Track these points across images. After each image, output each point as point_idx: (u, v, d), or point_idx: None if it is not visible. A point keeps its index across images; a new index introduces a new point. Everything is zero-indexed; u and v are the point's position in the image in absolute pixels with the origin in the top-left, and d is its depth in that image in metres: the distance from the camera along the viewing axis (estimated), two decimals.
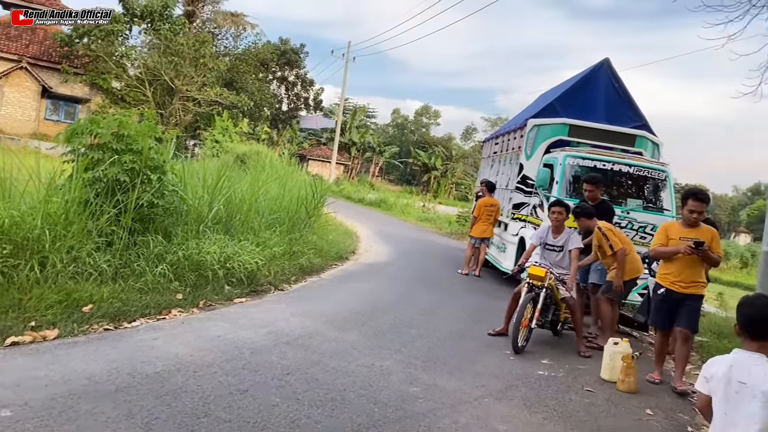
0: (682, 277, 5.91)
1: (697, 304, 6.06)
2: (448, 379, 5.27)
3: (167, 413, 3.74)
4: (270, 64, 45.43)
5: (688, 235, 5.83)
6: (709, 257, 5.84)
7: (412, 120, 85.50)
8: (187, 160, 10.30)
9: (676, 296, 5.92)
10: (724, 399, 2.90)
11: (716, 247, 5.89)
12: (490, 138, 16.91)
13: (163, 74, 30.70)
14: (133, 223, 6.97)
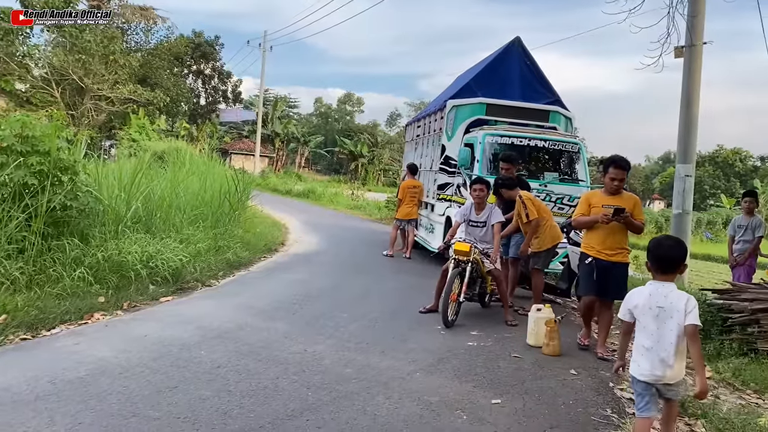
0: (606, 245, 5.91)
1: (624, 272, 6.06)
2: (381, 358, 5.34)
3: (92, 417, 3.63)
4: (184, 58, 44.07)
5: (609, 203, 5.82)
6: (632, 224, 5.84)
7: (336, 108, 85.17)
8: (103, 161, 9.90)
9: (603, 265, 5.90)
10: (648, 321, 3.53)
11: (638, 213, 5.90)
12: (412, 121, 17.08)
13: (71, 73, 29.29)
14: (46, 228, 6.68)
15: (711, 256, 27.06)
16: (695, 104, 9.79)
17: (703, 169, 57.09)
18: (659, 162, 79.59)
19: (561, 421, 4.26)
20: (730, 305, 6.50)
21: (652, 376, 3.48)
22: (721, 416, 4.46)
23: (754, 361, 5.88)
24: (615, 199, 5.89)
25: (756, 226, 8.41)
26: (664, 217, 36.95)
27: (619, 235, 5.93)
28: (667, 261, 3.60)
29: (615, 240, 5.92)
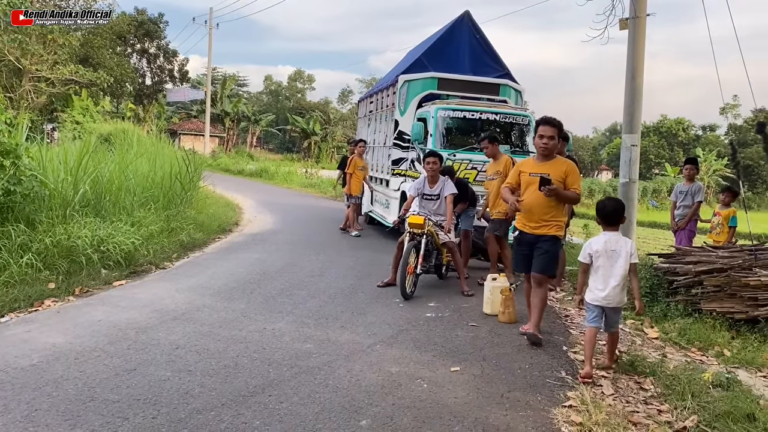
0: (532, 216, 5.37)
1: (551, 246, 5.35)
2: (340, 333, 5.38)
3: (49, 403, 3.57)
4: (128, 37, 42.65)
5: (539, 170, 5.30)
6: (560, 195, 5.23)
7: (286, 86, 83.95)
8: (46, 144, 9.56)
9: (528, 238, 5.41)
10: (604, 261, 4.75)
11: (573, 181, 5.28)
12: (365, 97, 17.02)
13: (7, 54, 28.01)
14: None
15: (657, 222, 28.00)
16: (640, 75, 10.03)
17: (648, 140, 58.65)
18: (606, 133, 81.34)
19: (518, 384, 4.39)
20: (675, 269, 6.77)
21: (604, 300, 4.72)
22: (668, 373, 4.67)
23: (698, 320, 6.16)
24: (546, 165, 5.35)
25: (695, 192, 8.73)
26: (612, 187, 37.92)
27: (547, 206, 5.31)
28: (611, 215, 4.86)
29: (542, 210, 5.33)
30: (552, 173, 5.23)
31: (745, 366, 5.19)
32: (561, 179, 5.25)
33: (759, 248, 6.61)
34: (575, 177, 5.34)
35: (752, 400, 4.09)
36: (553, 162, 5.38)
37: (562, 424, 3.73)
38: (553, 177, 5.20)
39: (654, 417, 3.91)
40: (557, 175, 5.25)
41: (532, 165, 5.50)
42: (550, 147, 5.32)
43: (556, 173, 5.25)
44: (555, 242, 5.41)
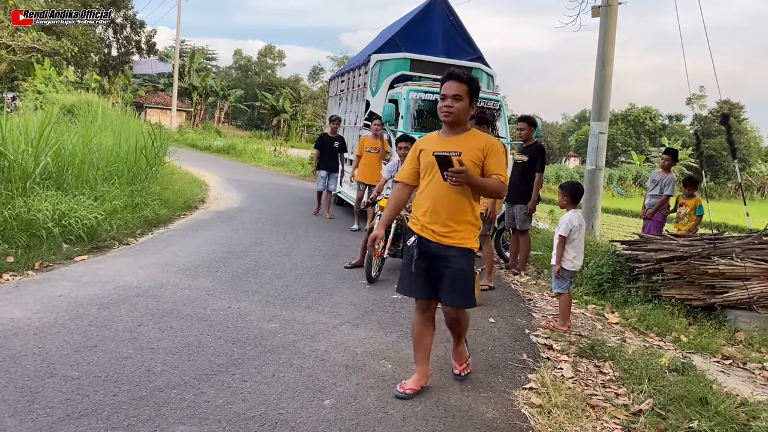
0: (435, 216, 3.64)
1: (466, 263, 3.67)
2: (306, 313, 5.38)
3: (6, 379, 3.49)
4: (93, 5, 41.50)
5: (445, 146, 3.64)
6: (473, 182, 3.48)
7: (256, 61, 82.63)
8: (6, 114, 9.27)
9: (430, 249, 3.67)
10: (579, 235, 5.59)
11: (494, 164, 3.60)
12: (336, 75, 16.87)
13: None
14: None
15: (621, 210, 28.53)
16: (610, 63, 10.14)
17: (616, 127, 59.49)
18: (575, 120, 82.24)
19: (480, 366, 4.45)
20: (637, 256, 6.91)
21: (578, 267, 5.67)
22: (627, 358, 4.78)
23: (658, 306, 6.31)
24: (456, 140, 3.68)
25: (665, 184, 8.81)
26: (579, 173, 38.47)
27: (459, 201, 3.63)
28: (579, 195, 5.73)
29: (451, 208, 3.63)
30: (463, 151, 3.58)
31: (701, 352, 5.35)
32: (477, 161, 3.58)
33: (718, 237, 6.79)
34: (498, 159, 3.61)
35: (706, 384, 4.22)
36: (466, 136, 3.68)
37: (523, 406, 3.80)
38: (466, 157, 3.54)
39: (612, 400, 4.01)
40: (471, 154, 3.58)
41: (435, 141, 3.76)
42: (457, 111, 3.62)
43: (469, 151, 3.58)
44: (470, 258, 3.69)
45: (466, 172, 3.36)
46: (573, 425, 3.57)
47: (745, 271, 6.09)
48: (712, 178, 51.75)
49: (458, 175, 3.34)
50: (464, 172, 3.35)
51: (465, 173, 3.35)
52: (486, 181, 3.56)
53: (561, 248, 5.58)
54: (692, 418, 3.65)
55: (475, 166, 3.57)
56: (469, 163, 3.51)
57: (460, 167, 3.34)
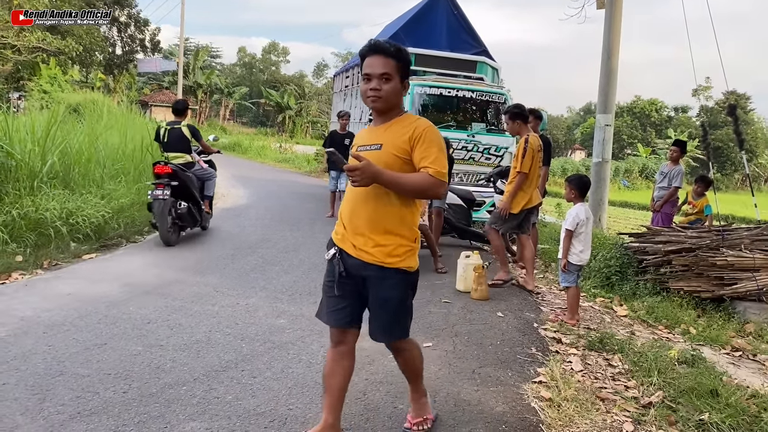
0: (354, 226, 2.86)
1: (390, 291, 2.85)
2: (314, 308, 5.27)
3: (17, 377, 3.51)
4: (97, 4, 41.55)
5: (369, 139, 2.93)
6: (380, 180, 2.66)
7: (260, 58, 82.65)
8: (12, 114, 9.31)
9: (350, 266, 2.87)
10: (587, 228, 5.54)
11: (425, 155, 2.76)
12: (341, 71, 16.86)
13: None
14: None
15: (628, 203, 28.43)
16: (615, 56, 10.09)
17: (622, 120, 59.23)
18: (581, 113, 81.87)
19: (489, 360, 4.45)
20: (645, 248, 6.89)
21: (585, 261, 5.63)
22: (636, 350, 4.76)
23: (666, 299, 6.29)
24: (380, 130, 2.91)
25: (674, 176, 8.73)
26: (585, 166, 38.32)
27: (382, 205, 2.82)
28: (586, 188, 5.74)
29: (370, 216, 2.82)
30: (386, 143, 2.84)
31: (710, 344, 5.32)
32: (402, 153, 2.80)
33: (726, 229, 6.75)
34: (431, 148, 2.78)
35: (716, 376, 4.20)
36: (394, 123, 2.89)
37: (532, 400, 3.79)
38: (390, 149, 2.81)
39: (621, 393, 3.99)
40: (395, 146, 2.81)
41: (365, 133, 3.05)
42: (386, 95, 2.81)
43: (392, 142, 2.82)
44: (400, 282, 2.85)
45: (363, 169, 2.57)
46: (583, 418, 3.56)
47: (754, 263, 6.06)
48: (719, 169, 51.49)
49: (353, 173, 2.57)
50: (359, 169, 2.56)
51: (362, 171, 2.57)
52: (404, 177, 2.70)
53: (567, 242, 5.55)
54: (703, 411, 3.63)
55: (400, 161, 2.78)
56: (390, 158, 2.77)
57: (355, 163, 2.57)
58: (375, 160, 2.70)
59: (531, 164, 6.43)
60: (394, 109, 2.91)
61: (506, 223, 6.65)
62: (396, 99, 2.87)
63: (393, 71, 2.81)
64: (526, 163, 6.41)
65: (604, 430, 3.45)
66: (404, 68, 2.87)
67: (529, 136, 6.48)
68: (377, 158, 2.75)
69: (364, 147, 2.91)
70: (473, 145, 9.99)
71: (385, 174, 2.66)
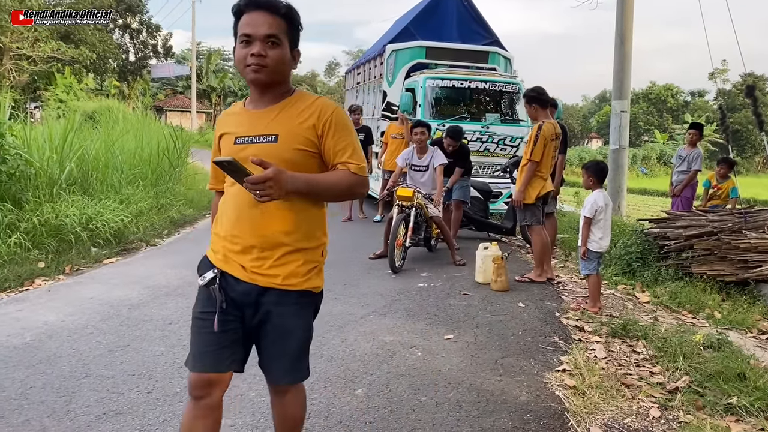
0: (242, 239, 2.15)
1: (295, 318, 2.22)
2: (333, 304, 5.38)
3: (43, 380, 3.56)
4: (109, 12, 41.95)
5: (254, 127, 2.17)
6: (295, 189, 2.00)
7: None
8: (29, 123, 9.44)
9: (238, 293, 2.17)
10: (606, 215, 5.47)
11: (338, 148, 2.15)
12: (352, 68, 16.86)
13: None
14: None
15: (647, 189, 28.14)
16: (629, 41, 9.97)
17: (638, 106, 58.57)
18: (596, 101, 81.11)
19: (511, 351, 4.42)
20: (665, 233, 6.81)
21: (605, 248, 5.57)
22: (660, 336, 4.70)
23: (689, 284, 6.21)
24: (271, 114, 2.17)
25: (693, 159, 8.57)
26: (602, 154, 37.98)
27: (281, 210, 2.12)
28: (604, 174, 5.73)
29: (265, 225, 2.13)
30: (282, 133, 2.12)
31: (736, 327, 5.24)
32: (308, 145, 2.14)
33: (749, 211, 6.64)
34: (346, 138, 2.18)
35: (743, 360, 4.14)
36: (287, 105, 2.19)
37: (556, 388, 3.76)
38: (291, 141, 2.11)
39: (646, 379, 3.95)
40: (296, 136, 2.13)
41: (240, 117, 2.25)
42: (273, 63, 2.09)
43: (292, 132, 2.13)
44: (311, 306, 2.31)
45: (276, 179, 1.87)
46: (608, 405, 3.52)
47: None
48: (738, 153, 50.75)
49: (262, 186, 1.86)
50: (271, 179, 1.86)
51: (275, 181, 1.87)
52: (321, 180, 2.10)
53: (586, 230, 5.48)
54: (731, 394, 3.58)
55: (306, 156, 2.12)
56: (293, 154, 2.09)
57: (263, 174, 1.86)
58: (272, 157, 1.99)
59: (543, 152, 6.26)
60: (282, 85, 2.19)
61: (533, 216, 6.44)
62: (285, 71, 2.17)
63: (282, 34, 2.10)
64: (537, 152, 6.22)
65: (630, 416, 3.41)
66: (295, 33, 2.18)
67: (544, 122, 6.35)
68: (275, 155, 2.04)
69: (247, 138, 2.13)
70: (488, 137, 9.94)
71: (299, 179, 2.00)
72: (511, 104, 10.57)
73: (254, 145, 2.12)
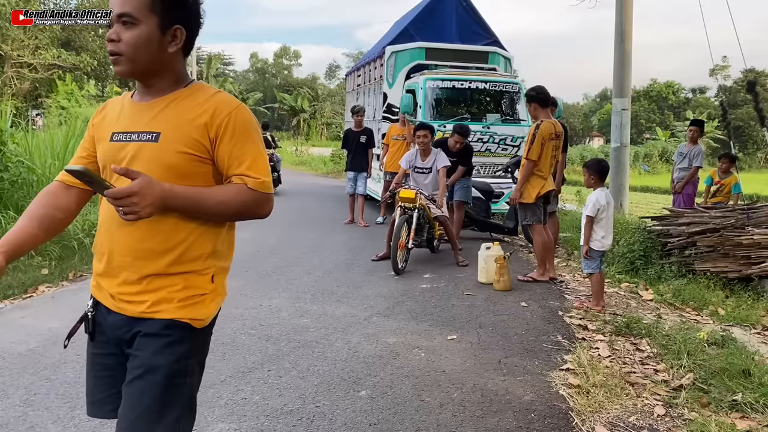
0: (111, 260, 1.75)
1: (165, 358, 1.70)
2: (337, 306, 5.39)
3: (47, 387, 3.56)
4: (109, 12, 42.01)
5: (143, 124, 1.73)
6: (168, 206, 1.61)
7: (272, 63, 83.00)
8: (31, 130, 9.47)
9: (112, 328, 1.80)
10: (608, 214, 5.45)
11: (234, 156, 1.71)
12: (352, 70, 16.88)
13: None
14: None
15: (649, 187, 28.09)
16: (629, 39, 9.96)
17: (639, 104, 58.50)
18: (597, 100, 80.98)
19: (515, 350, 4.41)
20: (668, 230, 6.80)
21: (607, 246, 5.57)
22: (663, 334, 4.70)
23: (692, 281, 6.20)
24: (155, 109, 1.74)
25: (694, 156, 8.56)
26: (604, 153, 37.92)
27: (160, 226, 1.69)
28: (605, 172, 5.67)
29: (139, 245, 1.71)
30: (165, 130, 1.70)
31: (740, 324, 5.23)
32: (195, 148, 1.71)
33: (751, 207, 6.63)
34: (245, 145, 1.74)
35: (747, 356, 4.13)
36: (176, 98, 1.76)
37: (560, 387, 3.75)
38: (174, 142, 1.69)
39: (651, 377, 3.94)
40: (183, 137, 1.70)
41: (123, 111, 1.83)
42: (126, 49, 1.67)
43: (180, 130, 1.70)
44: (185, 342, 1.76)
45: (142, 193, 1.52)
46: (613, 403, 3.52)
47: None
48: (740, 149, 50.64)
49: (123, 202, 1.51)
50: (136, 193, 1.51)
51: (140, 195, 1.52)
52: (207, 195, 1.67)
53: (589, 228, 5.47)
54: (735, 391, 3.57)
55: (193, 161, 1.70)
56: (176, 157, 1.68)
57: (126, 188, 1.51)
58: (152, 161, 1.67)
59: (541, 151, 6.27)
60: (163, 74, 1.76)
61: (534, 215, 6.45)
62: (151, 57, 1.70)
63: (142, 10, 1.66)
64: (534, 151, 6.24)
65: (635, 414, 3.41)
66: (170, 5, 1.71)
67: (542, 122, 6.36)
68: (155, 158, 1.68)
69: (125, 135, 1.73)
70: (489, 137, 9.94)
71: (178, 195, 1.61)
72: (512, 104, 10.57)
73: (132, 143, 1.71)
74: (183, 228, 1.72)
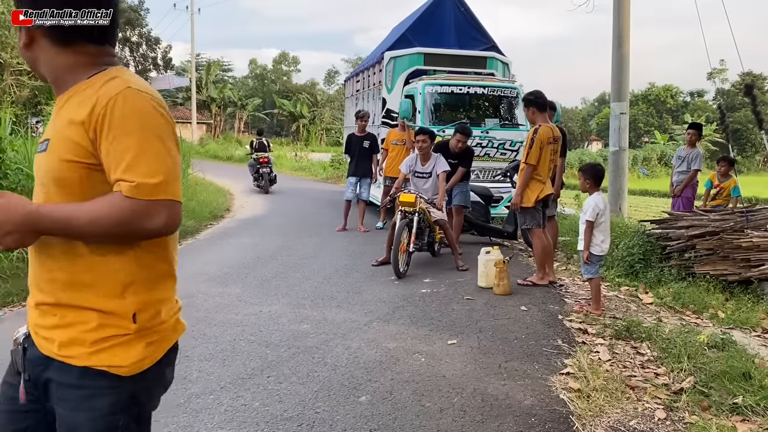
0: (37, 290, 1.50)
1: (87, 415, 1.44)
2: (337, 312, 5.38)
3: None
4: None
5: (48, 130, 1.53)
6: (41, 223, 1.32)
7: (271, 69, 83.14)
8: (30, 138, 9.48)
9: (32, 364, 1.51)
10: (606, 218, 5.47)
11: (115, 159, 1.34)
12: (351, 76, 16.90)
13: None
14: None
15: (648, 191, 28.12)
16: (626, 43, 9.98)
17: (637, 108, 58.57)
18: (595, 104, 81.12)
19: (515, 354, 4.41)
20: (667, 234, 6.80)
21: (606, 251, 5.58)
22: (664, 337, 4.70)
23: (692, 284, 6.20)
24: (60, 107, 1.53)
25: (693, 159, 8.56)
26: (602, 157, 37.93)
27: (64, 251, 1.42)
28: (601, 177, 5.57)
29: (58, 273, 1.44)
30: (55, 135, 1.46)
31: (740, 326, 5.23)
32: (78, 154, 1.39)
33: (750, 210, 6.64)
34: (123, 140, 1.35)
35: (747, 359, 4.12)
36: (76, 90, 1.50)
37: (561, 392, 3.75)
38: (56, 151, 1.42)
39: (651, 380, 3.94)
40: (64, 141, 1.41)
41: None
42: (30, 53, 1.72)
43: (63, 134, 1.42)
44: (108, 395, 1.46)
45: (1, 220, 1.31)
46: (613, 407, 3.52)
47: None
48: (739, 152, 50.67)
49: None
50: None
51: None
52: (80, 213, 1.34)
53: (589, 233, 5.46)
54: (736, 394, 3.57)
55: (81, 171, 1.40)
56: (60, 167, 1.41)
57: None
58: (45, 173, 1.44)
59: (539, 155, 6.27)
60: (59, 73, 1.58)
61: (534, 219, 6.45)
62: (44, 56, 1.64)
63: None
64: (533, 155, 6.25)
65: (636, 418, 3.41)
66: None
67: (540, 126, 6.37)
68: (47, 170, 1.44)
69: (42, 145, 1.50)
70: (488, 141, 9.95)
71: (43, 215, 1.33)
72: (510, 109, 10.58)
73: (39, 155, 1.48)
74: (80, 254, 1.42)
